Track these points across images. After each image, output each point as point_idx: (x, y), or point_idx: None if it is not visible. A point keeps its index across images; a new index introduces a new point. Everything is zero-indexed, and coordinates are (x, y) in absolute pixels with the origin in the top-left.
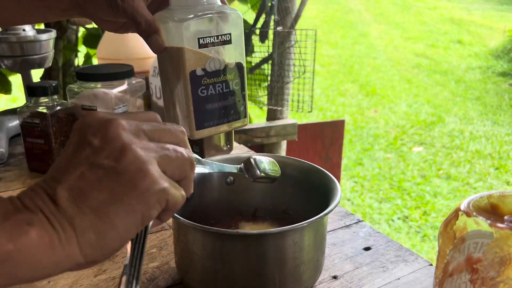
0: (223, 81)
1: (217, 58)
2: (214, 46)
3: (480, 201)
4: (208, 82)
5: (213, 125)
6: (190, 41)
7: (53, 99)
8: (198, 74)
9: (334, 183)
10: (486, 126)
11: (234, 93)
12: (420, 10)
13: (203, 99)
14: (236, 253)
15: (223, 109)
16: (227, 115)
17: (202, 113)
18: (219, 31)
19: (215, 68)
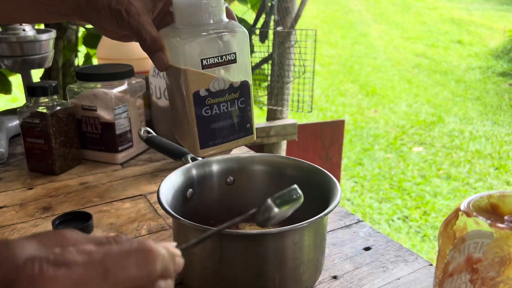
0: (228, 100)
1: (222, 78)
2: (218, 66)
3: (480, 201)
4: (212, 102)
5: (218, 143)
6: (193, 62)
7: (53, 99)
8: (202, 95)
9: (334, 183)
10: (486, 126)
11: (239, 111)
12: (420, 10)
13: (207, 118)
14: (236, 253)
15: (228, 127)
16: (233, 133)
17: (206, 132)
18: (223, 50)
19: (220, 88)
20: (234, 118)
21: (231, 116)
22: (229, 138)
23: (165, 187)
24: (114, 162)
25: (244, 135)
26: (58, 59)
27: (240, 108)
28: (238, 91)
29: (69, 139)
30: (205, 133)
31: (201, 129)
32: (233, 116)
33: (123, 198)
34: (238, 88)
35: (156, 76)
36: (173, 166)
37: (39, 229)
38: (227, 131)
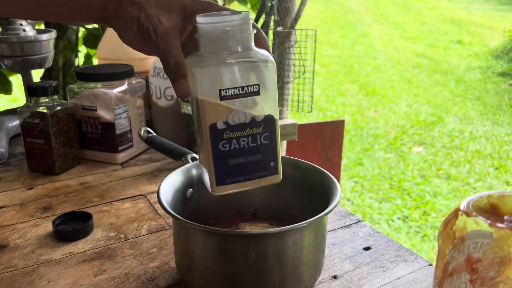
0: (250, 135)
1: (242, 110)
2: (238, 98)
3: (480, 201)
4: (231, 136)
5: (237, 181)
6: (211, 92)
7: (53, 99)
8: (219, 128)
9: (334, 183)
10: (486, 126)
11: (262, 147)
12: (420, 10)
13: (225, 153)
14: (236, 253)
15: (249, 165)
16: (254, 171)
17: (224, 168)
18: (245, 81)
19: (240, 121)
20: (256, 155)
21: (253, 152)
22: (250, 177)
23: (165, 187)
24: (114, 162)
25: (267, 174)
26: (58, 59)
27: (263, 144)
28: (261, 125)
29: (69, 139)
30: (223, 169)
31: (218, 164)
32: (255, 153)
33: (123, 198)
34: (261, 123)
35: (156, 76)
36: (173, 166)
37: (39, 229)
38: (247, 168)
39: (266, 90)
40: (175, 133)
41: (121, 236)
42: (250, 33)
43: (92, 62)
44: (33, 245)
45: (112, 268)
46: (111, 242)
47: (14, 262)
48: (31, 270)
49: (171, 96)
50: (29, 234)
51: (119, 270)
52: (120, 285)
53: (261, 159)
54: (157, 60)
